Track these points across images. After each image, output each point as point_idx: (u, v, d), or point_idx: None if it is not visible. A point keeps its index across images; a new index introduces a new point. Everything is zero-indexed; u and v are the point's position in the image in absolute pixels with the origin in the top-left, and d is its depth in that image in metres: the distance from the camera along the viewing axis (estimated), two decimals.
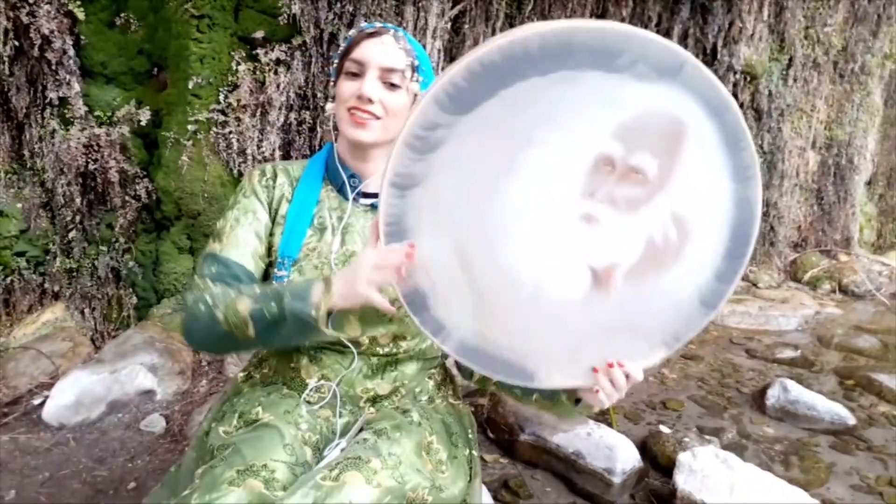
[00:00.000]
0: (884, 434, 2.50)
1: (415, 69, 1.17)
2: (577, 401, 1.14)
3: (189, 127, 2.76)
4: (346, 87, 1.17)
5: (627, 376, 1.01)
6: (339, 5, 2.83)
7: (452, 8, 3.08)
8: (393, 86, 1.15)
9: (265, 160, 2.87)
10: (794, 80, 4.60)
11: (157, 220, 3.02)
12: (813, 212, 5.18)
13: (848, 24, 4.74)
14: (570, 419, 1.21)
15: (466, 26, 3.19)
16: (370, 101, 1.14)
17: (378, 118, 1.16)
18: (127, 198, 2.87)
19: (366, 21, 2.88)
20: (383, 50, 1.15)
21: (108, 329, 2.93)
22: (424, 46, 3.01)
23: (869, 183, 5.68)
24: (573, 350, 1.00)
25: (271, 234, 1.23)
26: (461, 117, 0.83)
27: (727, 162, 0.87)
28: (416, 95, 1.18)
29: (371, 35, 1.16)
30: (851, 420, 2.54)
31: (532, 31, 0.78)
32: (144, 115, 2.80)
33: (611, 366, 1.00)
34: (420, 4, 2.95)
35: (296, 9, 2.73)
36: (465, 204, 0.89)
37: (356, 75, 1.16)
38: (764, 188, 0.94)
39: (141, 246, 3.00)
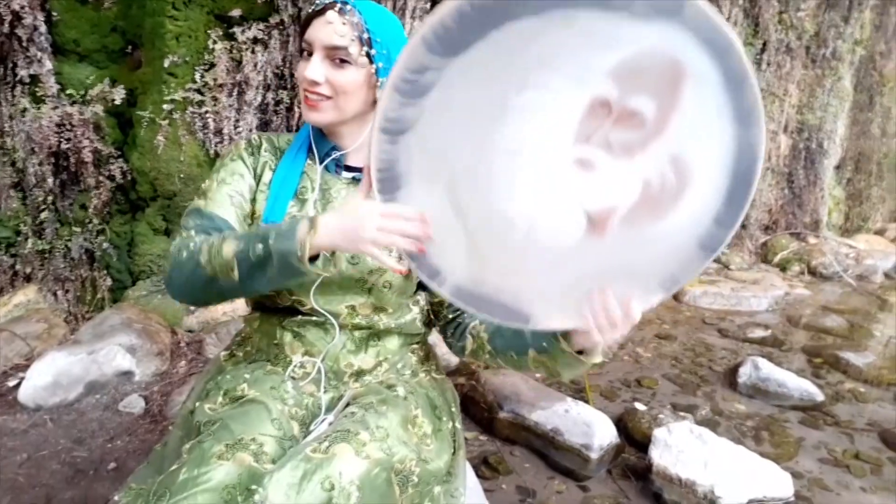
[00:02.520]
0: (850, 409, 2.58)
1: (364, 42, 1.13)
2: (579, 352, 1.09)
3: (164, 106, 2.73)
4: (300, 69, 1.17)
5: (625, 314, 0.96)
6: None
7: None
8: (341, 62, 1.13)
9: None
10: (768, 65, 4.66)
11: (131, 200, 2.99)
12: (784, 195, 5.28)
13: (820, 9, 4.81)
14: (571, 371, 1.16)
15: None
16: (315, 83, 1.13)
17: (329, 98, 1.15)
18: (101, 178, 2.83)
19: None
20: (327, 29, 1.12)
21: (81, 311, 2.90)
22: (403, 26, 2.99)
23: (838, 167, 5.80)
24: (569, 293, 0.97)
25: (254, 200, 1.23)
26: (451, 60, 0.80)
27: (729, 104, 0.83)
28: (372, 69, 1.15)
29: (319, 13, 1.13)
30: (820, 396, 2.62)
31: None
32: (119, 94, 2.76)
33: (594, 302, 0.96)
34: None
35: None
36: (457, 148, 0.87)
37: (309, 55, 1.15)
38: (749, 205, 0.91)
39: (115, 227, 2.97)
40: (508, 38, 0.79)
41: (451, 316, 1.32)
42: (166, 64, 2.68)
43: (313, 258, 1.00)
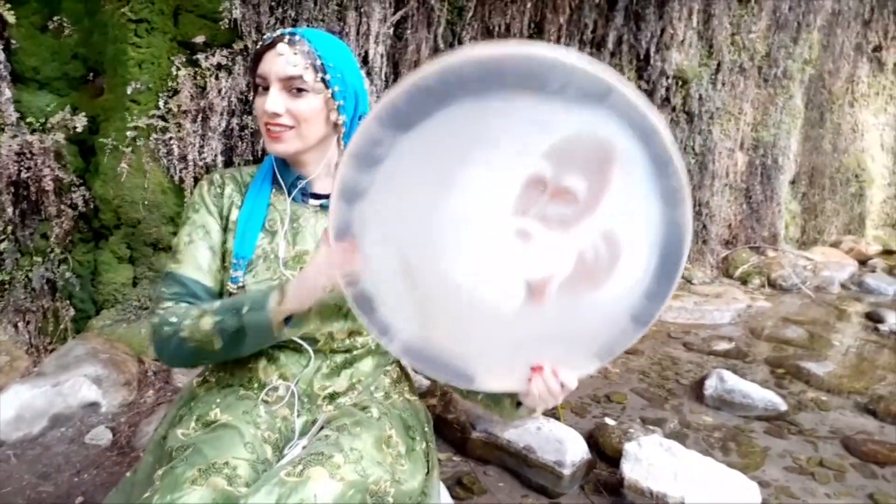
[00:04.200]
0: (812, 418, 2.64)
1: (318, 69, 1.17)
2: (519, 404, 1.17)
3: (128, 133, 2.70)
4: (258, 104, 1.21)
5: (563, 384, 1.04)
6: (280, 10, 2.83)
7: (394, 13, 3.11)
8: (298, 91, 1.17)
9: (207, 166, 2.84)
10: (723, 84, 4.79)
11: (94, 229, 2.94)
12: (742, 210, 5.41)
13: (770, 31, 4.98)
14: (512, 419, 1.26)
15: (409, 31, 3.22)
16: (276, 114, 1.17)
17: (291, 128, 1.19)
18: (62, 206, 2.78)
19: (307, 26, 2.89)
20: (280, 60, 1.16)
21: (43, 343, 2.83)
22: (367, 52, 3.03)
23: (793, 182, 5.97)
24: (510, 356, 1.04)
25: (224, 242, 1.26)
26: (401, 135, 0.86)
27: (656, 185, 0.89)
28: (328, 94, 1.19)
29: (269, 47, 1.18)
30: (783, 406, 2.68)
31: (466, 56, 0.81)
32: (80, 122, 2.73)
33: (539, 369, 1.03)
34: (362, 10, 2.97)
35: (237, 13, 2.71)
36: (407, 215, 0.92)
37: (265, 89, 1.19)
38: (696, 188, 0.96)
39: (78, 256, 2.92)
40: (453, 117, 0.84)
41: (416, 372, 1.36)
42: (129, 91, 2.66)
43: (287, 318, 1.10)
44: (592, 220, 0.91)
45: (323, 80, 1.18)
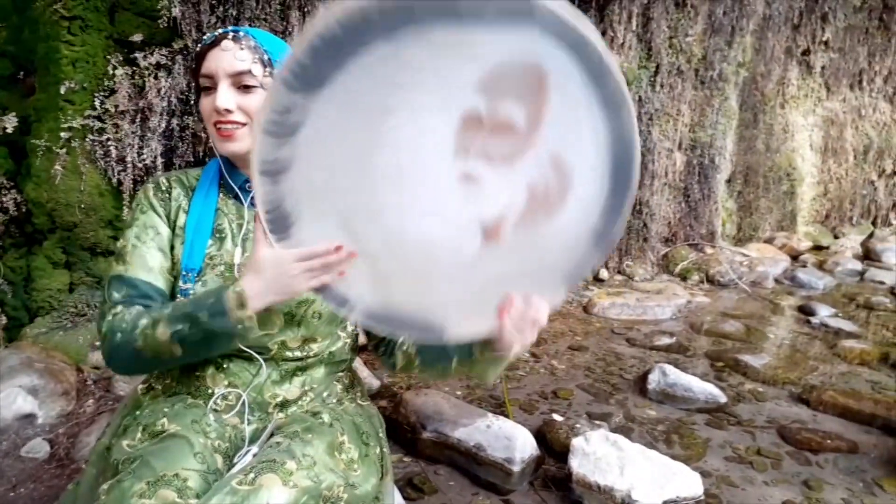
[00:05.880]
0: (750, 409, 2.74)
1: (265, 63, 1.15)
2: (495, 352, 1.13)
3: (62, 134, 2.61)
4: (205, 104, 1.17)
5: (534, 321, 1.02)
6: (221, 9, 2.77)
7: None
8: (247, 88, 1.14)
9: (147, 168, 2.76)
10: (661, 86, 4.92)
11: (27, 233, 2.83)
12: (681, 209, 5.56)
13: (706, 34, 5.14)
14: (493, 370, 1.21)
15: None
16: (228, 111, 1.14)
17: (243, 125, 1.16)
18: None
19: (249, 25, 2.84)
20: (227, 56, 1.13)
21: None
22: None
23: (729, 181, 6.16)
24: (476, 300, 1.00)
25: (172, 248, 1.21)
26: (315, 95, 0.80)
27: (595, 95, 0.84)
28: None
29: (212, 45, 1.15)
30: (723, 398, 2.76)
31: None
32: (10, 122, 2.63)
33: (508, 305, 1.00)
34: (305, 9, 2.94)
35: (176, 11, 2.65)
36: (339, 179, 0.87)
37: (210, 89, 1.16)
38: (636, 188, 0.95)
39: (10, 262, 2.80)
40: (367, 65, 0.79)
41: (382, 335, 1.34)
42: (63, 90, 2.57)
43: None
44: (537, 148, 0.87)
45: (271, 74, 1.15)
